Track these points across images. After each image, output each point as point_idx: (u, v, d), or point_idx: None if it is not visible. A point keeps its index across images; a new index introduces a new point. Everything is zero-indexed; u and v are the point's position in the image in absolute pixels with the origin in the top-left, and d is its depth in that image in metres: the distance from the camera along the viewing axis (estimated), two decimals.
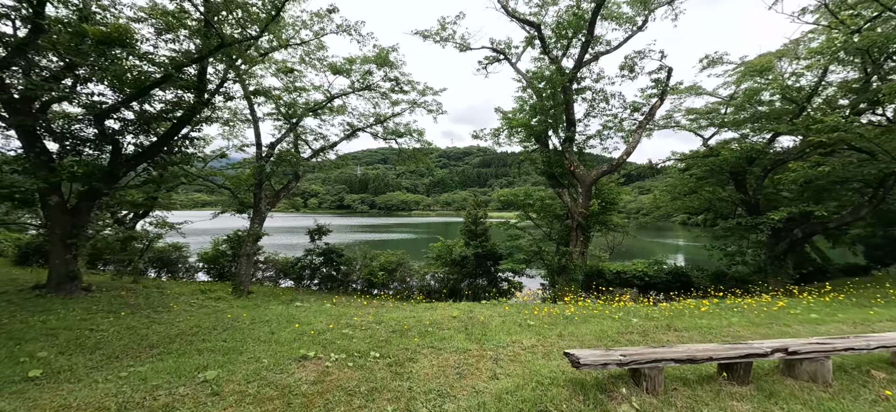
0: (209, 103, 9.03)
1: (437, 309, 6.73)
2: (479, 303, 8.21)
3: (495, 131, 16.30)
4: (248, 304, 8.79)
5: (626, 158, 11.32)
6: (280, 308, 7.52)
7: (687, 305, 7.93)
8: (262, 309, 7.47)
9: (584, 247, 12.41)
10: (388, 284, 18.00)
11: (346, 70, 17.77)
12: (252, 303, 9.11)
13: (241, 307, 8.17)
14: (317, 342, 4.99)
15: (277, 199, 16.77)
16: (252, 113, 15.03)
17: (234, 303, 8.81)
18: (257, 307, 7.91)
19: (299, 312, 6.83)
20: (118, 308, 7.06)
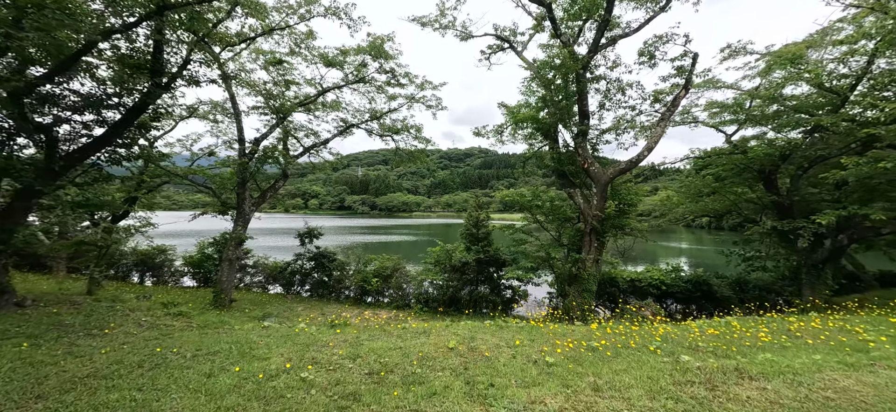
0: (169, 89, 7.78)
1: (430, 335, 5.48)
2: (482, 323, 6.90)
3: (498, 128, 15.04)
4: (214, 322, 7.52)
5: (648, 154, 10.05)
6: (242, 331, 6.24)
7: (732, 327, 6.63)
8: (219, 333, 6.19)
9: (599, 254, 11.11)
10: (383, 291, 16.74)
11: (338, 62, 16.54)
12: (220, 320, 7.84)
13: (201, 327, 6.90)
14: (259, 396, 3.68)
15: (263, 200, 15.52)
16: (234, 105, 13.79)
17: (197, 319, 7.54)
18: (216, 329, 6.65)
19: (263, 338, 5.58)
20: (43, 330, 5.82)
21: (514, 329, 6.03)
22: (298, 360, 4.42)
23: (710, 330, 6.10)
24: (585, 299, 10.95)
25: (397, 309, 15.50)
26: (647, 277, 14.68)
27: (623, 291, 14.68)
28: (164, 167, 16.17)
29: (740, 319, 8.12)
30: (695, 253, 43.73)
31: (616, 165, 10.48)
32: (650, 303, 10.89)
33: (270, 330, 6.37)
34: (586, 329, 6.26)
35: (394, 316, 14.24)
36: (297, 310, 14.27)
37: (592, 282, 11.00)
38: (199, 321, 7.37)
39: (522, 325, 6.45)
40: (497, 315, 14.76)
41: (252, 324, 7.44)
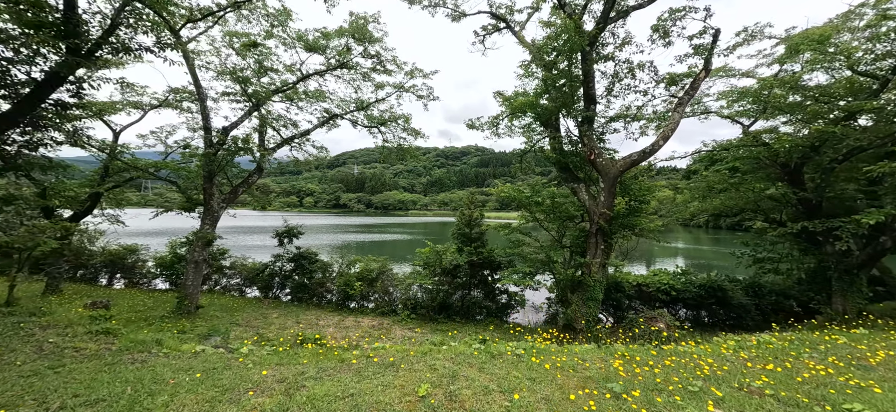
0: (91, 57, 6.37)
1: (397, 372, 4.11)
2: (469, 348, 5.55)
3: (494, 120, 13.69)
4: (142, 343, 6.12)
5: (663, 144, 8.76)
6: (158, 364, 4.85)
7: (779, 351, 5.33)
8: (128, 366, 4.81)
9: (606, 258, 9.81)
10: (368, 296, 15.36)
11: (320, 46, 15.14)
12: (154, 339, 6.44)
13: (119, 351, 5.51)
14: None
15: (235, 196, 14.11)
16: (196, 86, 12.36)
17: (124, 339, 6.15)
18: (134, 356, 5.25)
19: (177, 374, 4.21)
20: None
21: (510, 361, 4.69)
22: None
23: (760, 363, 4.78)
24: (591, 308, 9.65)
25: (382, 315, 14.15)
26: (655, 282, 13.42)
27: (629, 297, 13.43)
28: (125, 161, 14.66)
29: (778, 336, 6.82)
30: (693, 253, 42.62)
31: (628, 157, 9.17)
32: (664, 313, 9.60)
33: (201, 358, 5.01)
34: (602, 359, 4.92)
35: (378, 324, 12.90)
36: (270, 318, 12.89)
37: (599, 290, 9.70)
38: (123, 343, 5.98)
39: (519, 353, 5.10)
40: (490, 324, 13.46)
41: (190, 346, 6.05)
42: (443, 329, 12.65)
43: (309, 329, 11.80)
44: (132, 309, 13.15)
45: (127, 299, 14.97)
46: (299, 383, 3.84)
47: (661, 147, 8.82)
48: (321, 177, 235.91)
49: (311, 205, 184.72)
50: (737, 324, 13.29)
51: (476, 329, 12.76)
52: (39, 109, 6.46)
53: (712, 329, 13.34)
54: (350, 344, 9.73)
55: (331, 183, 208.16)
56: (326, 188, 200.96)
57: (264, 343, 8.06)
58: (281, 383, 3.90)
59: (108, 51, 6.59)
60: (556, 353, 5.13)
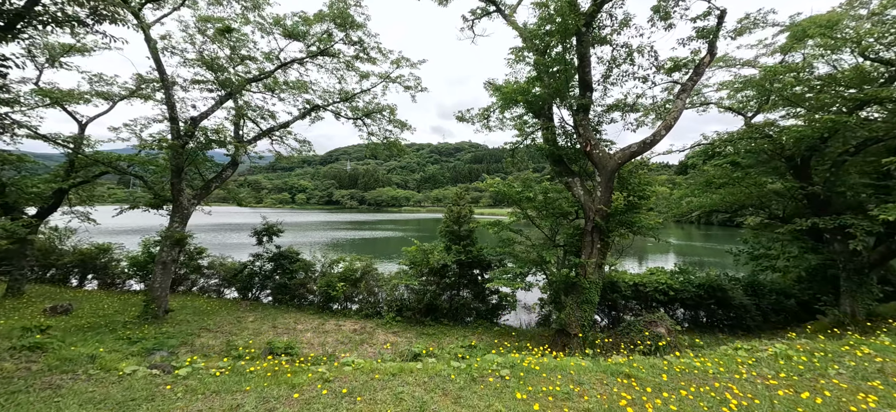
0: (12, 31, 5.45)
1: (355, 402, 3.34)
2: (448, 366, 4.79)
3: (484, 112, 12.91)
4: (72, 360, 5.28)
5: (665, 134, 8.04)
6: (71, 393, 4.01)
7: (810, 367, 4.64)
8: (30, 398, 3.97)
9: (602, 257, 9.10)
10: (352, 297, 14.55)
11: (300, 32, 14.21)
12: (89, 356, 5.60)
13: (38, 374, 4.66)
14: None
15: (207, 192, 13.20)
16: (159, 70, 11.40)
17: (53, 356, 5.31)
18: (50, 379, 4.41)
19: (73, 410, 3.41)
20: None
21: (492, 388, 3.91)
22: None
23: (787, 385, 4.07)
24: (586, 312, 8.94)
25: (366, 318, 13.37)
26: (652, 281, 12.80)
27: (625, 297, 12.79)
28: (86, 155, 13.65)
29: (792, 344, 6.15)
30: (686, 250, 42.28)
31: (626, 148, 8.44)
32: (664, 317, 8.92)
33: (125, 384, 4.19)
34: (603, 383, 4.17)
35: (360, 328, 12.12)
36: (245, 322, 12.05)
37: (594, 292, 9.00)
38: (50, 360, 5.14)
39: (504, 376, 4.33)
40: (480, 327, 12.73)
41: (127, 364, 5.22)
42: (429, 332, 11.92)
43: (285, 335, 11.00)
44: (95, 313, 12.23)
45: (93, 302, 14.02)
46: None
47: (664, 137, 8.11)
48: (314, 173, 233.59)
49: (303, 201, 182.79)
50: (736, 324, 12.73)
51: (464, 332, 12.04)
52: None
53: (711, 330, 12.77)
54: (322, 354, 8.95)
55: (323, 179, 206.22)
56: (319, 184, 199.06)
57: (225, 357, 7.24)
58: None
59: (35, 23, 5.67)
60: (547, 374, 4.38)
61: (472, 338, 10.92)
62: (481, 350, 8.85)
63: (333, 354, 8.95)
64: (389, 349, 9.68)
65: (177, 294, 16.30)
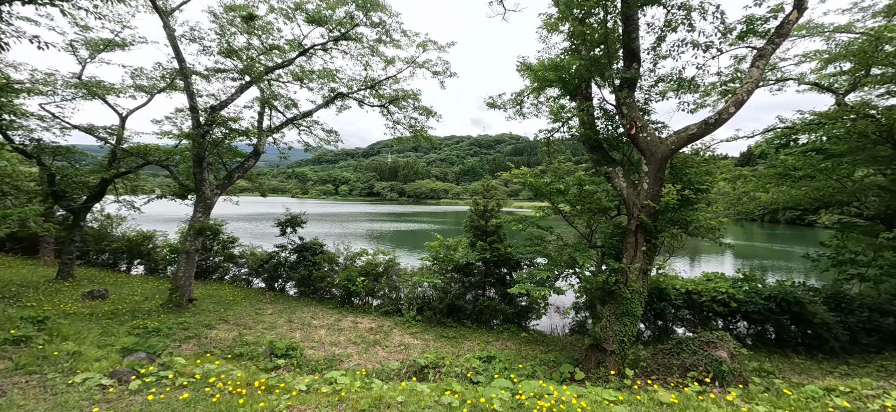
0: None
1: None
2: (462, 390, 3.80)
3: (517, 97, 11.62)
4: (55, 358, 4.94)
5: (735, 111, 6.38)
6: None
7: None
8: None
9: (648, 262, 7.65)
10: (373, 292, 13.95)
11: (322, 17, 13.66)
12: (75, 351, 5.27)
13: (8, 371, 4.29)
14: None
15: (230, 182, 13.10)
16: (179, 60, 11.25)
17: (28, 353, 4.97)
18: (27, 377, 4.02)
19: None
20: None
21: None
22: None
23: None
24: (626, 326, 7.57)
25: (386, 315, 12.72)
26: (709, 289, 10.96)
27: (676, 306, 11.08)
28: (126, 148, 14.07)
29: None
30: (746, 251, 37.90)
31: (682, 131, 6.90)
32: (725, 336, 7.32)
33: (64, 396, 3.67)
34: None
35: (377, 326, 11.47)
36: (262, 315, 11.81)
37: (637, 303, 7.59)
38: (27, 358, 4.82)
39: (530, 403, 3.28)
40: (505, 331, 11.62)
41: (99, 365, 4.79)
42: (449, 335, 11.02)
43: (298, 330, 10.58)
44: (126, 299, 12.56)
45: (131, 287, 14.55)
46: None
47: (732, 116, 6.47)
48: (356, 165, 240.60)
49: (346, 193, 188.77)
50: (814, 344, 10.61)
51: (487, 337, 11.01)
52: None
53: (781, 349, 10.73)
54: (327, 356, 8.31)
55: (365, 172, 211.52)
56: (361, 176, 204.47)
57: (217, 360, 6.76)
58: None
59: None
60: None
61: (494, 347, 9.87)
62: (501, 362, 7.79)
63: (338, 357, 8.29)
64: (399, 354, 8.88)
65: (209, 282, 16.67)
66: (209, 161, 12.30)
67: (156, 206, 19.73)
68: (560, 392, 4.63)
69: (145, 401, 3.57)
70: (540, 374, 7.24)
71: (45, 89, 12.57)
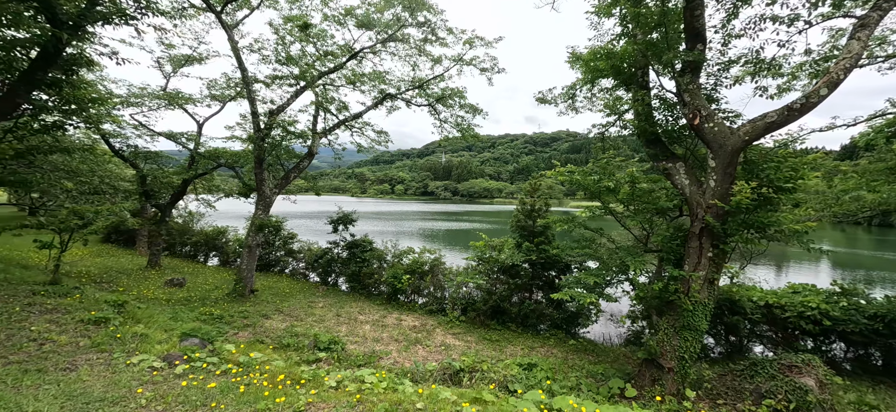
0: (80, 31, 5.90)
1: None
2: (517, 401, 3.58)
3: (569, 90, 10.92)
4: (116, 339, 5.52)
5: (827, 93, 5.29)
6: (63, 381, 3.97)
7: None
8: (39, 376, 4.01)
9: (715, 271, 6.73)
10: (419, 290, 14.04)
11: (371, 21, 14.05)
12: (142, 333, 5.86)
13: (65, 354, 4.87)
14: None
15: (287, 181, 13.94)
16: (241, 69, 12.16)
17: (104, 332, 5.62)
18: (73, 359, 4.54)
19: (42, 405, 3.24)
20: None
21: None
22: None
23: None
24: (688, 342, 6.72)
25: (429, 314, 12.72)
26: (795, 302, 9.42)
27: (752, 321, 9.71)
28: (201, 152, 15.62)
29: None
30: (847, 260, 32.34)
31: (758, 119, 5.92)
32: (813, 360, 6.19)
33: (125, 375, 4.03)
34: None
35: (420, 325, 11.51)
36: (314, 308, 12.41)
37: (701, 316, 6.71)
38: (102, 337, 5.44)
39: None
40: (552, 338, 11.02)
41: (162, 347, 5.26)
42: (492, 338, 10.71)
43: (344, 325, 10.93)
44: (199, 287, 13.90)
45: (205, 277, 16.11)
46: None
47: (823, 99, 5.41)
48: (411, 165, 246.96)
49: (401, 192, 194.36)
50: None
51: (532, 342, 10.52)
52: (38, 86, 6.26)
53: (891, 379, 8.87)
54: (367, 352, 8.43)
55: (420, 171, 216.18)
56: (416, 176, 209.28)
57: (271, 347, 7.14)
58: None
59: (95, 20, 6.06)
60: None
61: (538, 353, 9.38)
62: (543, 371, 7.35)
63: (377, 354, 8.38)
64: (439, 355, 8.76)
65: (270, 274, 17.94)
66: (268, 162, 13.19)
67: (228, 205, 21.68)
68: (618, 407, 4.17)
69: (181, 387, 3.80)
70: (584, 388, 6.69)
71: (136, 101, 14.35)
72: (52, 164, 10.64)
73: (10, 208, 31.79)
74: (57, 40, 5.82)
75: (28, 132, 7.33)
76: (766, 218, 6.30)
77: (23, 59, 5.99)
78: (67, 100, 6.72)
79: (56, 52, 6.00)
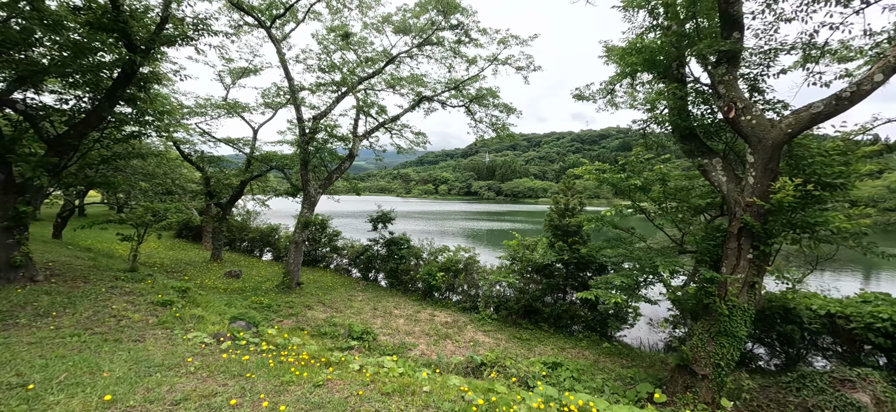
0: (148, 53, 6.84)
1: None
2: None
3: (607, 85, 10.66)
4: (183, 319, 6.36)
5: (883, 79, 4.72)
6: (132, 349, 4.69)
7: None
8: (115, 345, 4.79)
9: (757, 273, 6.30)
10: (454, 287, 14.33)
11: (408, 26, 14.59)
12: (199, 314, 6.71)
13: (138, 329, 5.70)
14: None
15: (330, 182, 14.84)
16: (288, 78, 13.14)
17: (170, 313, 6.50)
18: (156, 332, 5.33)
19: (114, 366, 3.90)
20: (9, 307, 5.54)
21: None
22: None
23: None
24: (724, 349, 6.35)
25: (462, 311, 12.95)
26: (863, 312, 8.43)
27: (811, 333, 8.86)
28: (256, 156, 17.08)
29: None
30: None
31: (804, 110, 5.46)
32: (872, 375, 5.60)
33: (179, 348, 4.70)
34: None
35: (452, 321, 11.77)
36: (353, 301, 13.12)
37: (740, 321, 6.31)
38: (168, 316, 6.32)
39: None
40: (585, 340, 10.78)
41: (213, 327, 6.00)
42: (523, 337, 10.72)
43: (379, 318, 11.47)
44: (252, 278, 15.21)
45: (258, 270, 17.57)
46: None
47: (879, 86, 4.88)
48: (455, 165, 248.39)
49: (444, 192, 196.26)
50: None
51: (563, 343, 10.39)
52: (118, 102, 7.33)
53: None
54: (397, 343, 8.83)
55: (463, 171, 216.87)
56: (459, 176, 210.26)
57: (305, 332, 7.78)
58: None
59: (162, 43, 7.00)
60: None
61: (567, 354, 9.27)
62: (568, 371, 7.31)
63: (407, 345, 8.76)
64: (467, 350, 8.96)
65: (316, 269, 19.13)
66: (313, 164, 14.14)
67: (280, 205, 23.32)
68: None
69: (222, 359, 4.36)
70: (608, 390, 6.57)
71: (201, 111, 16.03)
72: (132, 168, 12.25)
73: (102, 207, 36.59)
74: (132, 62, 6.80)
75: (112, 141, 8.60)
76: (815, 217, 5.81)
77: (107, 79, 7.07)
78: (143, 112, 7.80)
79: (132, 73, 7.01)
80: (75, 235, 17.72)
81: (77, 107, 7.20)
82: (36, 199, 7.19)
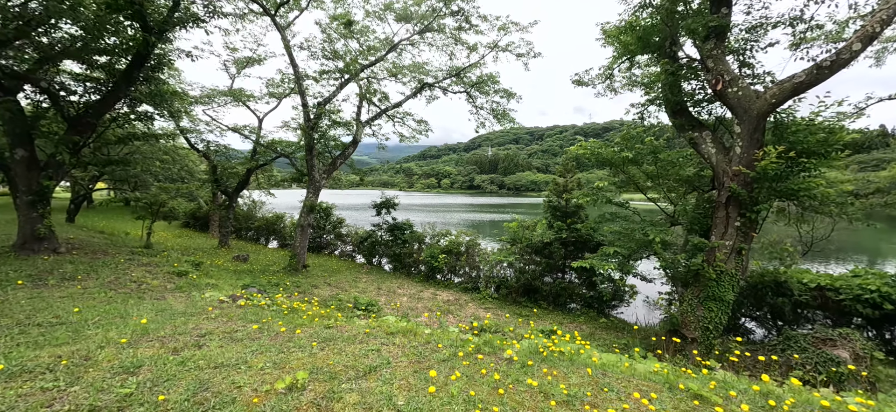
0: (162, 35, 7.17)
1: None
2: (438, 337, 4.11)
3: (606, 69, 10.91)
4: (193, 285, 6.75)
5: (861, 48, 4.96)
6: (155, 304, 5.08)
7: None
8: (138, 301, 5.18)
9: (744, 240, 6.59)
10: (455, 269, 14.69)
11: (409, 14, 14.83)
12: (207, 282, 7.10)
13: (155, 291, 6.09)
14: None
15: (334, 168, 15.18)
16: (293, 66, 13.45)
17: (185, 280, 6.89)
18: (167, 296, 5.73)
19: (144, 315, 4.28)
20: (37, 272, 5.94)
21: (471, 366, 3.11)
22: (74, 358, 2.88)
23: None
24: (712, 313, 6.67)
25: (464, 291, 13.32)
26: (853, 285, 8.70)
27: (801, 304, 9.13)
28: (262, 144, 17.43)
29: None
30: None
31: (786, 81, 5.71)
32: (851, 334, 5.90)
33: (198, 303, 5.08)
34: None
35: (454, 299, 12.15)
36: (358, 282, 13.52)
37: (728, 286, 6.61)
38: (184, 283, 6.70)
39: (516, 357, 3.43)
40: (583, 316, 11.12)
41: (231, 290, 6.39)
42: (523, 313, 11.06)
43: (383, 296, 11.84)
44: (259, 262, 15.65)
45: (265, 255, 18.00)
46: (199, 342, 3.33)
47: (857, 55, 5.12)
48: (458, 159, 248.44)
49: (447, 186, 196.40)
50: None
51: (561, 318, 10.74)
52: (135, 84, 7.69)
53: None
54: (400, 315, 9.19)
55: (466, 165, 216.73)
56: (462, 170, 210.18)
57: (314, 303, 8.15)
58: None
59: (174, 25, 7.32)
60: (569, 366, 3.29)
61: (565, 328, 9.60)
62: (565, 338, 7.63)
63: (409, 317, 9.12)
64: (466, 323, 9.32)
65: (322, 255, 19.55)
66: (318, 150, 14.48)
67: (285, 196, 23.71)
68: (582, 351, 4.50)
69: (240, 310, 4.73)
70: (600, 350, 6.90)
71: (207, 100, 16.38)
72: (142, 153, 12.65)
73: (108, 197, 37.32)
74: (147, 43, 7.14)
75: (126, 121, 8.97)
76: (798, 183, 6.09)
77: (123, 61, 7.41)
78: (155, 92, 8.15)
79: (147, 54, 7.35)
80: (87, 220, 18.22)
81: (95, 87, 7.58)
82: (57, 174, 7.58)
